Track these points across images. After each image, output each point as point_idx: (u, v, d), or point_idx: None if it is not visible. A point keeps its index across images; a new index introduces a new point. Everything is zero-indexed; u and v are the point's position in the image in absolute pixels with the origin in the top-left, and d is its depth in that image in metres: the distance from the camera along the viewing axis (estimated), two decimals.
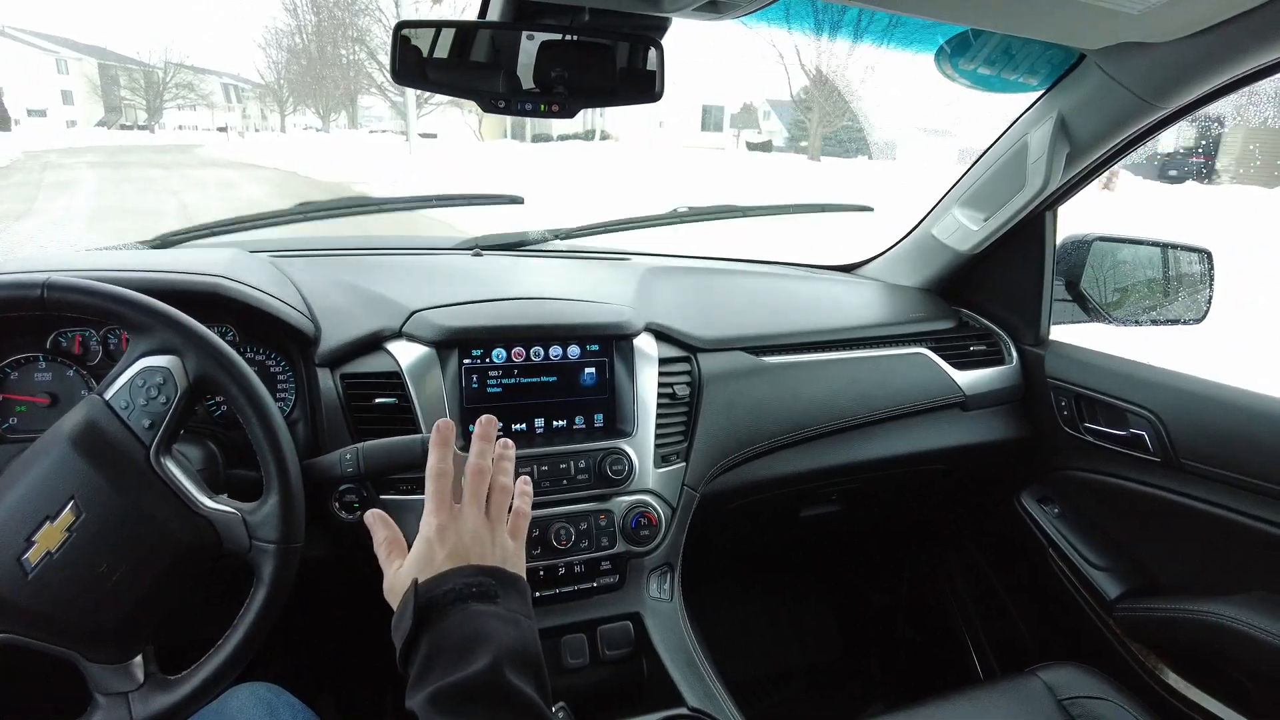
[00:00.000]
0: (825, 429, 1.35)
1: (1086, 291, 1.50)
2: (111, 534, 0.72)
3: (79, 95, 43.93)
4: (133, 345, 0.80)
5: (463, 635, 0.63)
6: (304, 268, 1.21)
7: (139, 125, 43.25)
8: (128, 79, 44.55)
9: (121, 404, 0.77)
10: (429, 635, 0.64)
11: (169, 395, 0.78)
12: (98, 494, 0.73)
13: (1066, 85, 1.22)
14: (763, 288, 1.58)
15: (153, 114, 43.00)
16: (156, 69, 42.75)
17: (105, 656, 0.74)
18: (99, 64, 44.50)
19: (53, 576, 0.71)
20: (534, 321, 1.15)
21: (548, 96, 0.95)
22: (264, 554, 0.78)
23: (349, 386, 1.06)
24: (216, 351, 0.80)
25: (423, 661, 0.63)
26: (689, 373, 1.24)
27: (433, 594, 0.66)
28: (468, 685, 0.59)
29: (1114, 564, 1.41)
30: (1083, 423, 1.42)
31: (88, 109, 43.88)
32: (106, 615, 0.73)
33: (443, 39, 0.94)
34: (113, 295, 0.78)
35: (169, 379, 0.78)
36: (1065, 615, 1.48)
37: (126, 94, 44.69)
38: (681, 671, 1.06)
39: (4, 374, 0.99)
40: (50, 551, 0.71)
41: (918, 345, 1.48)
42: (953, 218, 1.51)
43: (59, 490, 0.72)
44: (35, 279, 0.76)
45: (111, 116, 43.74)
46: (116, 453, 0.75)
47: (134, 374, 0.78)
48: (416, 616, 0.65)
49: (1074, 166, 1.30)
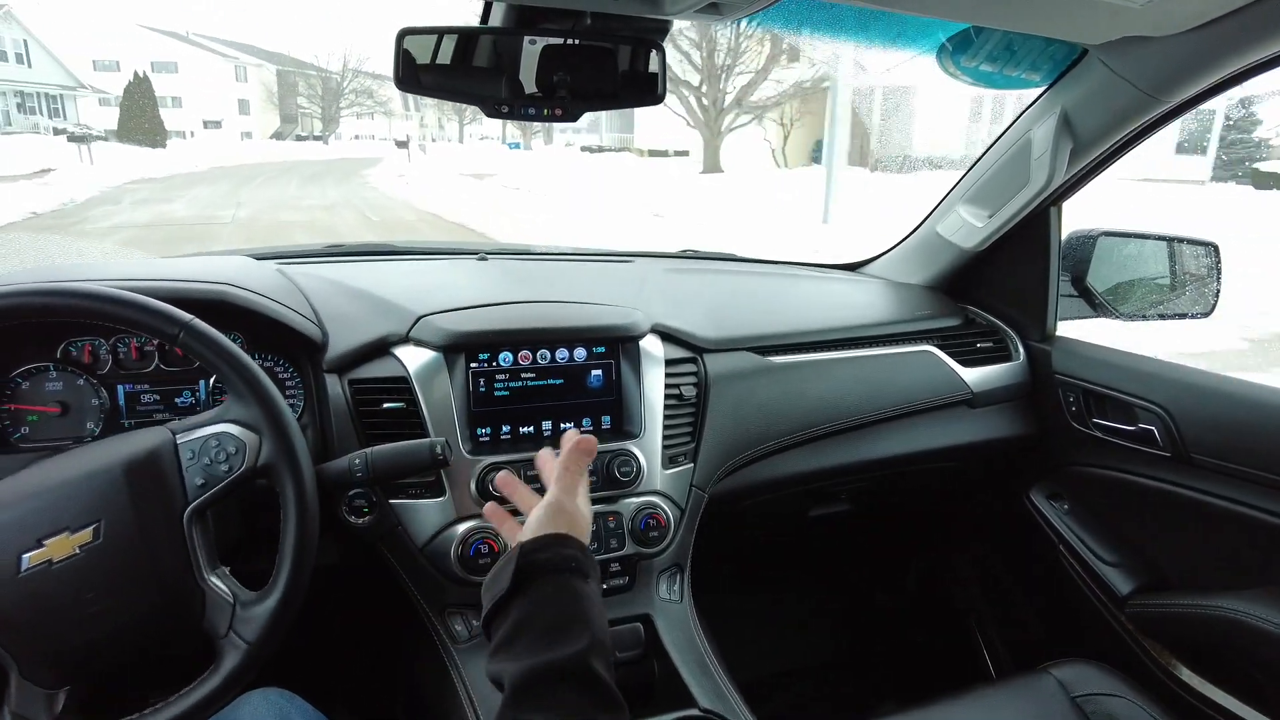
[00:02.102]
0: (833, 428, 1.35)
1: (1093, 287, 1.49)
2: (113, 567, 0.72)
3: (255, 104, 41.41)
4: (228, 406, 0.81)
5: (559, 612, 0.64)
6: (310, 274, 1.21)
7: (314, 135, 41.00)
8: (305, 85, 42.02)
9: (188, 453, 0.78)
10: (522, 602, 0.65)
11: (233, 466, 0.78)
12: (123, 526, 0.73)
13: (1069, 81, 1.22)
14: (768, 287, 1.58)
15: (328, 123, 40.65)
16: (334, 75, 40.27)
17: (39, 678, 0.72)
18: (277, 70, 41.91)
19: (40, 584, 0.70)
20: (540, 325, 1.15)
21: (550, 101, 0.95)
22: (233, 649, 0.77)
23: (357, 392, 1.06)
24: (291, 449, 0.80)
25: (512, 627, 0.64)
26: (695, 373, 1.24)
27: (534, 558, 0.67)
28: (560, 668, 0.60)
29: (1125, 560, 1.40)
30: (1091, 418, 1.42)
31: (263, 119, 41.52)
32: (65, 640, 0.72)
33: (445, 45, 0.94)
34: (238, 361, 0.80)
35: (241, 452, 0.79)
36: (1077, 612, 1.47)
37: (303, 101, 42.28)
38: (693, 672, 1.06)
39: (15, 384, 1.00)
40: (52, 561, 0.71)
41: (924, 343, 1.47)
42: (957, 215, 1.50)
43: (91, 508, 0.72)
44: (179, 316, 0.79)
45: (287, 127, 41.59)
46: (159, 495, 0.76)
47: (214, 432, 0.79)
48: (515, 578, 0.66)
49: (1078, 162, 1.29)
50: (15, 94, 26.02)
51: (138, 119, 22.67)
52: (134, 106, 22.81)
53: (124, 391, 1.04)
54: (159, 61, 36.54)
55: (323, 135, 39.71)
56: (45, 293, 0.78)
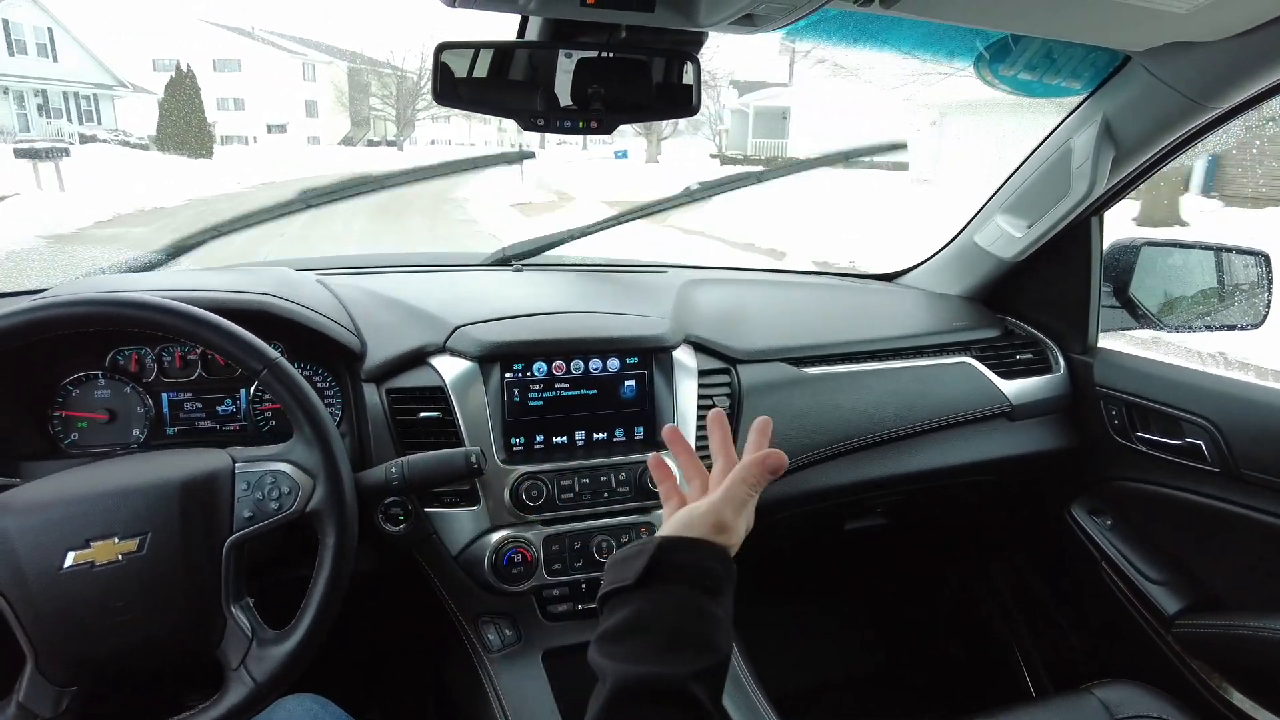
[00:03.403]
0: (869, 440, 1.33)
1: (1136, 298, 1.46)
2: (148, 581, 0.74)
3: (324, 106, 36.47)
4: (291, 446, 0.82)
5: (677, 626, 0.61)
6: (350, 285, 1.23)
7: (387, 140, 36.19)
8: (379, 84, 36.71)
9: (243, 484, 0.79)
10: (644, 599, 0.62)
11: (283, 506, 0.79)
12: (168, 542, 0.74)
13: (1111, 88, 1.20)
14: (802, 298, 1.57)
15: (403, 127, 35.03)
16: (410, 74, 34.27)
17: (52, 674, 0.73)
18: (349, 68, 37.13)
19: (78, 584, 0.72)
20: (574, 335, 1.16)
21: (585, 113, 0.96)
22: (240, 684, 0.77)
23: (394, 401, 1.08)
24: (342, 501, 0.81)
25: (628, 621, 0.61)
26: (729, 384, 1.24)
27: (670, 558, 0.64)
28: (664, 686, 0.57)
29: (1172, 578, 1.36)
30: (1135, 432, 1.38)
31: (333, 122, 36.67)
32: (86, 642, 0.73)
33: (481, 59, 0.96)
34: (311, 406, 0.82)
35: (294, 493, 0.80)
36: (1120, 631, 1.44)
37: (376, 103, 37.12)
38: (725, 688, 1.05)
39: (67, 391, 1.03)
40: (94, 563, 0.72)
41: (962, 354, 1.45)
42: (995, 225, 1.48)
43: (142, 519, 0.74)
44: (267, 354, 0.82)
45: (358, 131, 36.83)
46: (207, 520, 0.77)
47: (274, 469, 0.81)
48: (644, 574, 0.62)
49: (1120, 170, 1.27)
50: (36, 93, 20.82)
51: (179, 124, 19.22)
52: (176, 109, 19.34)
53: (168, 399, 1.07)
54: (222, 59, 33.12)
55: (397, 140, 35.02)
56: (146, 306, 0.80)
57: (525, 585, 1.07)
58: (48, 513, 0.73)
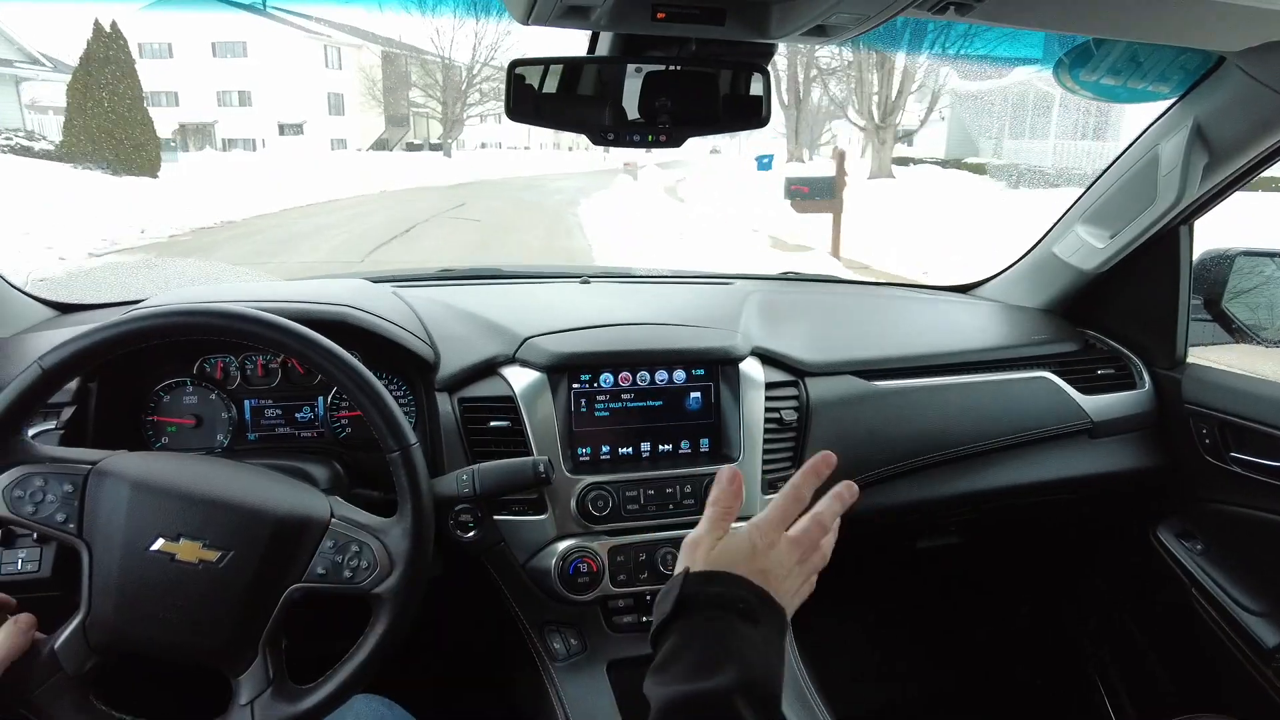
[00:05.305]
0: (942, 457, 1.29)
1: (1229, 310, 1.39)
2: (210, 594, 0.75)
3: (351, 100, 28.52)
4: (392, 525, 0.83)
5: (712, 644, 0.62)
6: (424, 296, 1.27)
7: (430, 143, 30.21)
8: (421, 74, 29.12)
9: (330, 540, 0.79)
10: (681, 625, 0.64)
11: (355, 578, 0.79)
12: (243, 567, 0.76)
13: (1203, 91, 1.15)
14: (873, 309, 1.54)
15: (450, 127, 28.33)
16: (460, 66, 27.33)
17: (93, 636, 0.75)
18: (383, 53, 29.10)
19: (154, 569, 0.74)
20: (641, 346, 1.16)
21: (653, 127, 0.97)
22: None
23: (466, 410, 1.10)
24: (410, 596, 0.81)
25: (669, 651, 0.63)
26: (797, 398, 1.22)
27: (697, 590, 0.66)
28: (699, 700, 0.59)
29: (1272, 609, 1.28)
30: (1228, 452, 1.31)
31: (363, 120, 28.97)
32: (134, 623, 0.75)
33: (551, 75, 0.97)
34: (423, 499, 0.83)
35: (370, 570, 0.80)
36: (1213, 662, 1.36)
37: (418, 96, 30.07)
38: (791, 707, 1.04)
39: (158, 397, 1.08)
40: (175, 556, 0.74)
41: (1040, 369, 1.40)
42: (1075, 235, 1.43)
43: (231, 535, 0.76)
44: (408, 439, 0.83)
45: (394, 131, 30.03)
46: (284, 560, 0.78)
47: (364, 540, 0.81)
48: (676, 605, 0.65)
49: (1213, 177, 1.21)
50: None
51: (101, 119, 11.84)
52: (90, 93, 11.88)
53: (250, 406, 1.11)
54: (222, 42, 25.92)
55: (442, 144, 28.67)
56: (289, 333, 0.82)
57: (591, 595, 1.07)
58: (159, 498, 0.75)
